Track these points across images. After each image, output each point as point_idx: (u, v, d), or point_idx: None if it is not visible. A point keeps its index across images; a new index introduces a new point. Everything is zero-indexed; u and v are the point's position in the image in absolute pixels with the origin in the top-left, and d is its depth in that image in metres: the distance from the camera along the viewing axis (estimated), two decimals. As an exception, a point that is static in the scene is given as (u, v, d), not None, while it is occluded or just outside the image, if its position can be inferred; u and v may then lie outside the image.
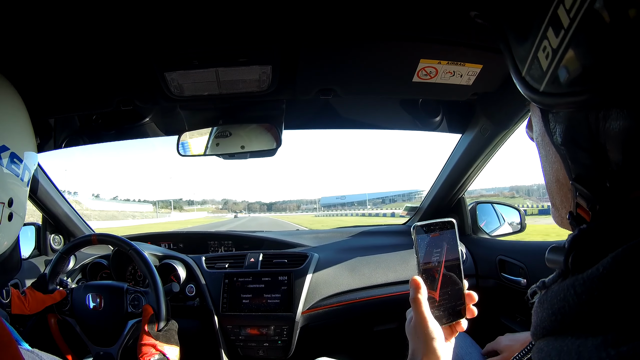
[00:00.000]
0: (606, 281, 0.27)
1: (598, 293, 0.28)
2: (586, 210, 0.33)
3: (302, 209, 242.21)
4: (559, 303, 0.31)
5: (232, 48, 0.97)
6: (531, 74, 0.35)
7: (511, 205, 1.81)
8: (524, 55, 0.36)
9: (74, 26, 0.85)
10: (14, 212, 0.68)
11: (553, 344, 0.31)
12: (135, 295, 1.28)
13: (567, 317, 0.30)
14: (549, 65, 0.32)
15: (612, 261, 0.27)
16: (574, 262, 0.31)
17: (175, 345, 1.16)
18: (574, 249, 0.32)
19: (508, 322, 1.51)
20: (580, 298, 0.29)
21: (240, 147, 1.35)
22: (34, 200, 1.61)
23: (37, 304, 1.21)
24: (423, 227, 0.65)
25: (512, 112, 1.23)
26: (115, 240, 1.33)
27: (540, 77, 0.33)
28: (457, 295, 0.66)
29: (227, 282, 1.53)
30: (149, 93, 1.16)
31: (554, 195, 0.40)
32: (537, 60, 0.33)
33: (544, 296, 0.34)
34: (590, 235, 0.31)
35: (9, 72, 0.77)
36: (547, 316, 0.33)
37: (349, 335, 1.67)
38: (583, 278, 0.29)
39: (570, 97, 0.30)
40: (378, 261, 1.63)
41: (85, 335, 1.26)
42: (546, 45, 0.32)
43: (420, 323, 0.62)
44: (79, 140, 1.52)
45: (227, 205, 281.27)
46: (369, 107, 1.55)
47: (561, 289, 0.32)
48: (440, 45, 1.00)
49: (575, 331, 0.29)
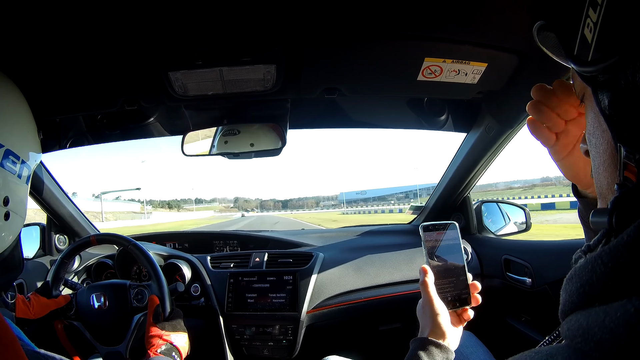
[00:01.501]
0: (631, 248, 0.28)
1: (623, 260, 0.28)
2: (634, 171, 0.34)
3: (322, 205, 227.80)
4: (587, 275, 0.32)
5: (236, 47, 0.97)
6: (581, 50, 0.39)
7: (516, 205, 1.80)
8: (573, 38, 0.41)
9: (78, 26, 0.85)
10: (10, 210, 0.67)
11: (582, 314, 0.31)
12: (138, 290, 1.28)
13: (595, 288, 0.31)
14: (592, 37, 0.37)
15: (635, 229, 0.28)
16: (618, 221, 0.32)
17: (183, 332, 1.16)
18: (617, 209, 0.32)
19: (513, 322, 1.51)
20: (607, 267, 0.30)
21: (245, 147, 1.35)
22: (38, 200, 1.62)
23: (41, 309, 1.21)
24: (429, 226, 0.78)
25: (518, 110, 1.22)
26: (114, 238, 1.33)
27: (587, 49, 0.38)
28: (462, 285, 0.76)
29: (232, 281, 1.53)
30: (154, 93, 1.16)
31: (601, 181, 0.41)
32: (584, 37, 0.38)
33: (572, 272, 0.35)
34: (633, 194, 0.32)
35: (15, 71, 0.77)
36: (575, 290, 0.33)
37: (354, 335, 1.67)
38: (610, 247, 0.30)
39: (610, 57, 0.34)
40: (383, 261, 1.63)
41: (92, 337, 1.26)
42: (589, 22, 0.37)
43: (427, 302, 0.72)
44: (83, 140, 1.53)
45: (238, 203, 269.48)
46: (374, 106, 1.54)
47: (588, 261, 0.32)
48: (445, 43, 1.00)
49: (603, 301, 0.29)
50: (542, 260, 1.35)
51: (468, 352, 1.12)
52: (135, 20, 0.85)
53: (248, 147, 1.36)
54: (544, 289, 1.29)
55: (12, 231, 0.69)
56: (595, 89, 0.38)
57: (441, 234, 0.78)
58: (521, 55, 1.02)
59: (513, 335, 1.48)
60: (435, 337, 0.68)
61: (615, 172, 0.37)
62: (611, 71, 0.35)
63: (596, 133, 0.41)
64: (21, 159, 0.70)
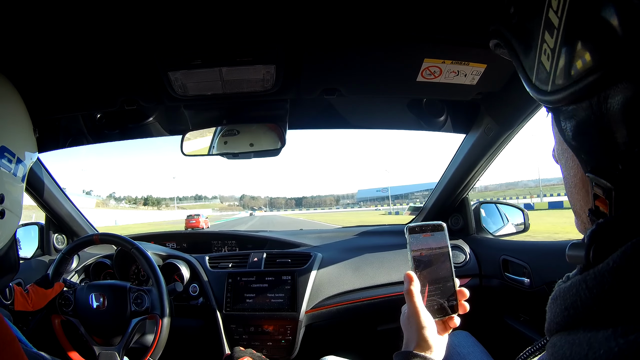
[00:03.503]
0: (616, 275, 0.28)
1: (608, 287, 0.28)
2: (605, 202, 0.34)
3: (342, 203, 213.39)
4: (572, 298, 0.32)
5: (236, 47, 0.98)
6: (539, 78, 0.37)
7: (515, 205, 1.81)
8: (531, 64, 0.39)
9: (78, 26, 0.85)
10: (6, 209, 0.67)
11: (566, 339, 0.31)
12: (138, 294, 1.29)
13: (579, 312, 0.31)
14: (551, 65, 0.35)
15: (621, 255, 0.28)
16: (595, 256, 0.31)
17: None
18: (594, 242, 0.32)
19: (512, 322, 1.51)
20: (592, 292, 0.29)
21: (244, 147, 1.35)
22: (37, 199, 1.62)
23: (39, 300, 1.21)
24: (415, 227, 0.71)
25: (517, 111, 1.23)
26: (118, 240, 1.34)
27: (546, 78, 0.36)
28: (448, 292, 0.71)
29: (231, 281, 1.53)
30: (153, 93, 1.16)
31: (574, 201, 0.41)
32: (541, 64, 0.36)
33: (557, 292, 0.35)
34: (609, 227, 0.31)
35: (15, 71, 0.77)
36: (559, 311, 0.33)
37: (352, 335, 1.67)
38: (594, 272, 0.30)
39: (570, 87, 0.32)
40: (381, 261, 1.63)
41: (89, 335, 1.27)
42: (546, 48, 0.35)
43: (413, 313, 0.66)
44: (83, 140, 1.52)
45: (244, 201, 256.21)
46: (373, 107, 1.55)
47: (573, 284, 0.32)
48: (444, 44, 1.00)
49: (587, 325, 0.29)
50: (540, 261, 1.35)
51: (466, 353, 1.13)
52: (135, 20, 0.85)
53: (247, 147, 1.36)
54: (542, 289, 1.30)
55: (7, 230, 0.69)
56: (558, 117, 0.37)
57: (428, 236, 0.71)
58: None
59: (511, 335, 1.49)
60: (421, 350, 0.64)
61: (587, 197, 0.37)
62: (574, 102, 0.33)
63: (565, 155, 0.40)
64: (17, 157, 0.70)
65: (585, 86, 0.31)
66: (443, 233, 0.72)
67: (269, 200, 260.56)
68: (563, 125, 0.36)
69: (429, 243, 0.71)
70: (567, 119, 0.35)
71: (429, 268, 0.70)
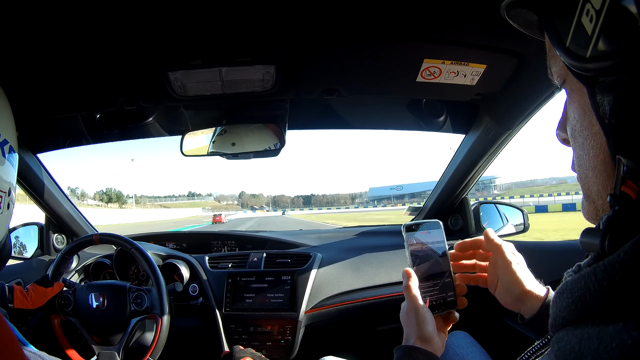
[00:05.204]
0: (627, 267, 0.26)
1: (619, 279, 0.27)
2: (633, 187, 0.31)
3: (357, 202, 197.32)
4: (580, 291, 0.30)
5: (235, 48, 0.98)
6: (576, 42, 0.33)
7: (515, 206, 1.81)
8: (566, 25, 0.34)
9: (77, 26, 0.85)
10: (10, 201, 0.69)
11: (573, 333, 0.29)
12: (138, 294, 1.28)
13: (588, 306, 0.29)
14: (594, 28, 0.31)
15: (633, 246, 0.27)
16: (611, 244, 0.30)
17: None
18: (611, 229, 0.30)
19: (510, 323, 1.51)
20: (602, 285, 0.28)
21: (244, 147, 1.35)
22: (37, 199, 1.61)
23: (39, 298, 1.21)
24: (412, 225, 0.73)
25: (516, 112, 1.23)
26: (118, 240, 1.34)
27: (585, 42, 0.32)
28: (447, 287, 0.72)
29: (230, 281, 1.53)
30: (153, 93, 1.16)
31: (589, 185, 0.37)
32: (581, 26, 0.32)
33: (563, 286, 0.33)
34: (629, 214, 0.30)
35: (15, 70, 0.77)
36: (566, 305, 0.32)
37: (352, 335, 1.67)
38: (604, 264, 0.28)
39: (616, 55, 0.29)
40: (381, 261, 1.63)
41: (88, 335, 1.27)
42: (589, 8, 0.31)
43: (412, 309, 0.67)
44: (82, 140, 1.52)
45: (242, 199, 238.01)
46: (373, 107, 1.55)
47: (581, 277, 0.30)
48: (444, 45, 1.00)
49: (596, 319, 0.28)
50: (539, 261, 1.35)
51: (464, 353, 1.12)
52: (135, 20, 0.85)
53: (247, 148, 1.36)
54: (541, 289, 1.30)
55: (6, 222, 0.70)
56: (593, 90, 0.33)
57: (425, 233, 0.73)
58: (520, 56, 1.03)
59: (510, 335, 1.49)
60: (420, 344, 0.65)
61: (608, 181, 0.34)
62: (617, 72, 0.30)
63: (584, 133, 0.36)
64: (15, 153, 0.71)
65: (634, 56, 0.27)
66: (439, 230, 0.74)
67: (272, 199, 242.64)
68: (599, 98, 0.33)
69: (426, 240, 0.73)
70: (606, 91, 0.32)
71: (427, 264, 0.72)
